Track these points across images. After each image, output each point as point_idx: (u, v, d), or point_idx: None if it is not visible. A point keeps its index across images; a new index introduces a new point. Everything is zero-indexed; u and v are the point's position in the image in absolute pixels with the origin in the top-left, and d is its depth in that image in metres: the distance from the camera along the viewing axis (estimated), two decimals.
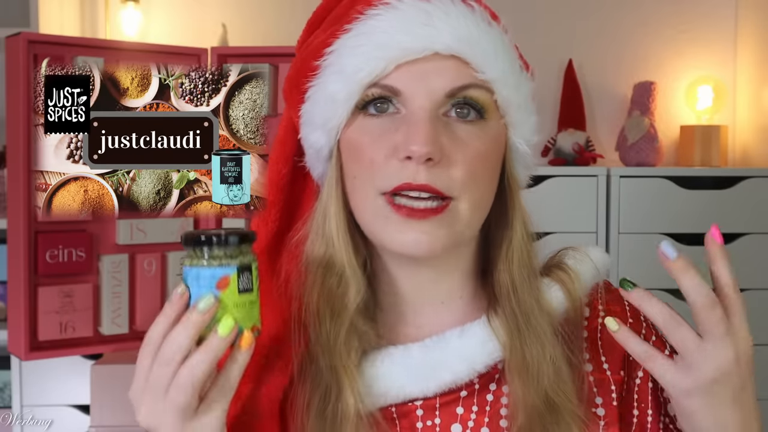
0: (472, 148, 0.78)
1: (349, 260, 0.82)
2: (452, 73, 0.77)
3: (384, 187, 0.77)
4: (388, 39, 0.77)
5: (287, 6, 2.51)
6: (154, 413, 0.71)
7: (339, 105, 0.80)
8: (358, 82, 0.78)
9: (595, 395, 0.84)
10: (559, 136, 2.41)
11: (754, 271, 2.18)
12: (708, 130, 2.40)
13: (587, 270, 0.86)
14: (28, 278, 1.62)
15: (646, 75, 2.52)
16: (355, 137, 0.80)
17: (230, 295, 0.70)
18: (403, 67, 0.77)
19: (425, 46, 0.77)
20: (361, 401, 0.79)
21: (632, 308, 0.88)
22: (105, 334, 1.73)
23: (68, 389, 2.07)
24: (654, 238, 2.19)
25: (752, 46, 2.48)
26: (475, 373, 0.81)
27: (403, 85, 0.77)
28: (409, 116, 0.77)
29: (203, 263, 0.70)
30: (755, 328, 2.45)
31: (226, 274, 0.70)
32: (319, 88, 0.82)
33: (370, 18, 0.79)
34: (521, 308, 0.81)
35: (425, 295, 0.85)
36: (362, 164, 0.79)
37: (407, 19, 0.78)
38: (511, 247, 0.83)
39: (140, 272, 1.76)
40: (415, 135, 0.75)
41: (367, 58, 0.78)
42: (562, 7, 2.55)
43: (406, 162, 0.76)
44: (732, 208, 2.19)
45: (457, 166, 0.77)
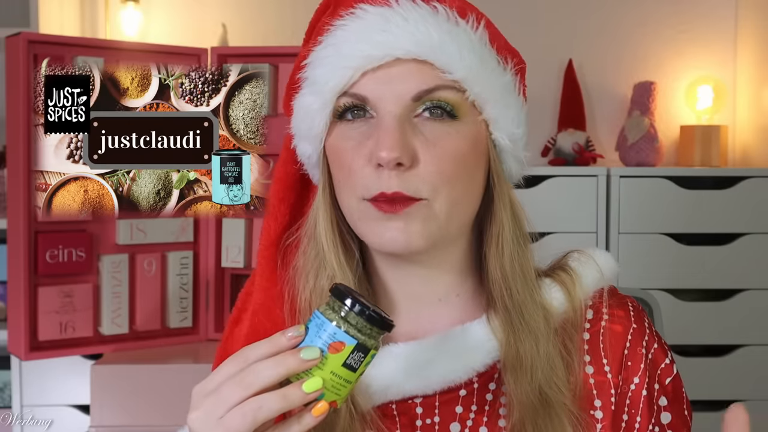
0: (443, 148, 0.78)
1: (339, 262, 0.83)
2: (417, 77, 0.78)
3: (363, 194, 0.79)
4: (351, 48, 0.79)
5: (287, 6, 2.51)
6: (204, 422, 0.68)
7: (315, 115, 0.81)
8: (328, 92, 0.80)
9: (594, 397, 0.84)
10: (559, 136, 2.41)
11: (754, 271, 2.18)
12: (708, 130, 2.40)
13: (590, 273, 0.87)
14: (28, 278, 1.62)
15: (646, 75, 2.51)
16: (336, 144, 0.81)
17: (336, 361, 0.68)
18: (369, 74, 0.78)
19: (385, 53, 0.78)
20: (353, 403, 0.79)
21: (637, 313, 0.88)
22: (105, 334, 1.74)
23: (68, 389, 2.07)
24: (654, 238, 2.19)
25: (752, 46, 2.48)
26: (474, 372, 0.82)
27: (370, 92, 0.79)
28: (379, 122, 0.78)
29: (335, 319, 0.68)
30: (755, 328, 2.46)
31: (344, 342, 0.68)
32: (298, 101, 0.84)
33: (338, 29, 0.81)
34: (514, 303, 0.82)
35: (419, 293, 0.86)
36: (343, 171, 0.81)
37: (368, 27, 0.79)
38: (500, 242, 0.83)
39: (140, 272, 1.76)
40: (384, 141, 0.76)
41: (334, 68, 0.80)
42: (562, 7, 2.55)
43: (379, 169, 0.77)
44: (732, 208, 2.19)
45: (428, 167, 0.78)
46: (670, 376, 0.86)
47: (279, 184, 0.88)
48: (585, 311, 0.86)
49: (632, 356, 0.85)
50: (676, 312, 2.14)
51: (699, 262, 2.19)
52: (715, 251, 2.19)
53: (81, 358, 1.97)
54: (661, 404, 0.85)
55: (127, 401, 1.68)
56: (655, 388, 0.85)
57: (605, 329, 0.86)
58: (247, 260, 1.82)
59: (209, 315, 1.84)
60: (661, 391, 0.85)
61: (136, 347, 1.77)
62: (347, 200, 0.81)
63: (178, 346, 1.81)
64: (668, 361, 0.86)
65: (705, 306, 2.17)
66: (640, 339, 0.86)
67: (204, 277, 1.84)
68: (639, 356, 0.85)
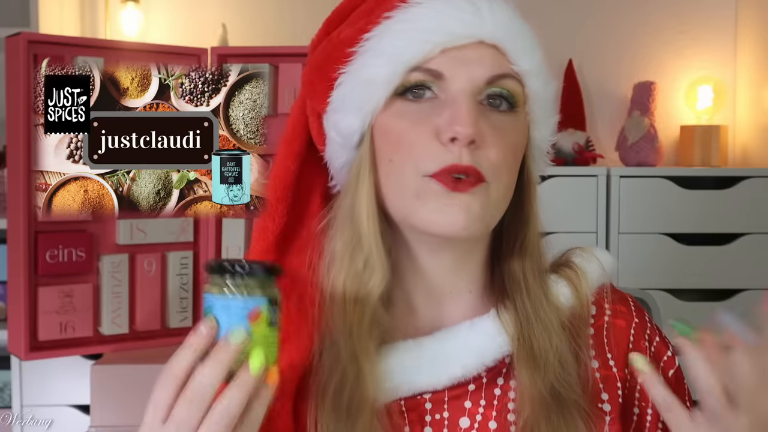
0: (505, 137, 0.80)
1: (377, 244, 0.82)
2: (492, 62, 0.80)
3: (428, 169, 0.78)
4: (435, 24, 0.79)
5: (287, 6, 2.51)
6: None
7: (378, 88, 0.80)
8: (401, 64, 0.79)
9: (601, 390, 0.85)
10: (559, 136, 2.40)
11: (754, 271, 2.18)
12: (708, 130, 2.40)
13: (594, 269, 0.88)
14: (28, 278, 1.62)
15: (646, 75, 2.51)
16: (392, 121, 0.80)
17: (260, 328, 0.68)
18: (447, 52, 0.79)
19: (472, 33, 0.79)
20: (380, 390, 0.80)
21: (637, 308, 0.90)
22: (105, 334, 1.73)
23: (68, 389, 2.07)
24: (654, 238, 2.19)
25: (752, 46, 2.48)
26: (484, 366, 0.82)
27: (446, 70, 0.79)
28: (451, 100, 0.78)
29: (233, 292, 0.68)
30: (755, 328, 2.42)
31: (258, 306, 0.68)
32: (355, 74, 0.82)
33: (413, 6, 0.81)
34: (531, 300, 0.83)
35: (440, 286, 0.86)
36: (401, 147, 0.79)
37: (455, 6, 0.80)
38: (525, 242, 0.85)
39: (140, 272, 1.76)
40: (460, 117, 0.76)
41: (411, 41, 0.79)
42: (562, 7, 2.55)
43: (450, 144, 0.77)
44: (732, 208, 2.19)
45: (494, 150, 0.78)
46: (673, 368, 0.87)
47: (277, 182, 0.86)
48: (589, 307, 0.87)
49: (637, 350, 0.86)
50: (676, 312, 2.14)
51: (699, 262, 2.19)
52: (715, 251, 2.19)
53: (81, 358, 1.96)
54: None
55: (127, 401, 1.68)
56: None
57: (609, 324, 0.87)
58: None
59: None
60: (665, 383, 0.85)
61: (136, 347, 1.77)
62: (398, 178, 0.80)
63: (178, 346, 1.80)
64: (670, 354, 0.88)
65: (705, 306, 2.17)
66: (642, 333, 0.88)
67: (204, 277, 1.84)
68: (643, 350, 0.87)
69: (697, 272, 2.19)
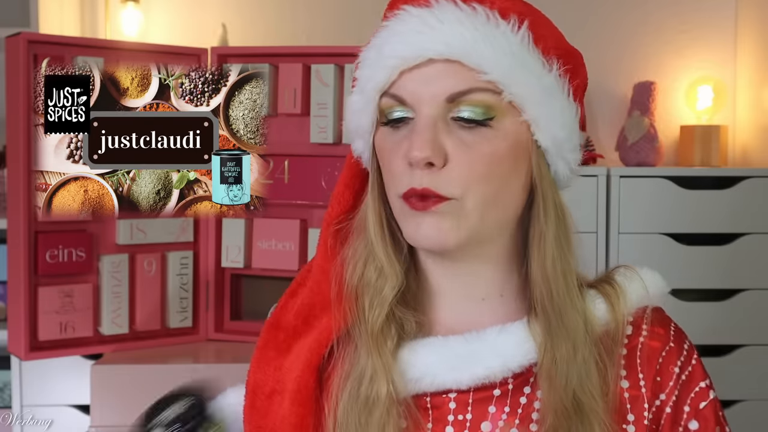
0: (478, 151, 0.79)
1: (387, 255, 0.86)
2: (452, 78, 0.79)
3: (399, 191, 0.81)
4: (389, 49, 0.81)
5: (287, 6, 2.50)
6: None
7: (361, 114, 0.85)
8: (371, 91, 0.83)
9: (628, 411, 0.84)
10: None
11: (754, 271, 2.18)
12: (708, 130, 2.40)
13: (635, 289, 0.88)
14: (28, 278, 1.62)
15: (646, 75, 2.51)
16: (380, 145, 0.84)
17: None
18: (407, 74, 0.80)
19: (418, 53, 0.79)
20: (394, 388, 0.82)
21: (677, 333, 0.89)
22: (105, 334, 1.74)
23: (68, 389, 2.07)
24: (654, 238, 2.19)
25: (752, 46, 2.48)
26: (509, 371, 0.83)
27: (408, 94, 0.80)
28: (415, 123, 0.80)
29: None
30: (755, 328, 2.44)
31: None
32: (348, 101, 0.88)
33: (382, 30, 0.84)
34: (554, 305, 0.83)
35: (462, 290, 0.87)
36: (386, 169, 0.84)
37: (406, 28, 0.81)
38: (543, 243, 0.84)
39: (140, 272, 1.76)
40: (415, 141, 0.79)
41: (375, 68, 0.82)
42: (561, 7, 2.55)
43: (412, 168, 0.79)
44: (732, 208, 2.19)
45: (459, 167, 0.79)
46: (705, 401, 0.85)
47: (347, 171, 0.91)
48: (625, 326, 0.86)
49: (663, 372, 0.85)
50: (676, 312, 2.14)
51: (699, 262, 2.19)
52: (715, 251, 2.19)
53: (81, 358, 1.97)
54: (691, 428, 0.84)
55: (127, 401, 1.68)
56: (685, 411, 0.85)
57: (643, 345, 0.86)
58: (246, 260, 1.82)
59: (209, 315, 1.84)
60: (692, 414, 0.85)
61: (136, 347, 1.77)
62: (390, 197, 0.84)
63: (178, 346, 1.81)
64: (704, 385, 0.86)
65: (705, 306, 2.17)
66: (675, 358, 0.86)
67: (204, 277, 1.84)
68: (670, 374, 0.85)
69: (696, 272, 2.19)
